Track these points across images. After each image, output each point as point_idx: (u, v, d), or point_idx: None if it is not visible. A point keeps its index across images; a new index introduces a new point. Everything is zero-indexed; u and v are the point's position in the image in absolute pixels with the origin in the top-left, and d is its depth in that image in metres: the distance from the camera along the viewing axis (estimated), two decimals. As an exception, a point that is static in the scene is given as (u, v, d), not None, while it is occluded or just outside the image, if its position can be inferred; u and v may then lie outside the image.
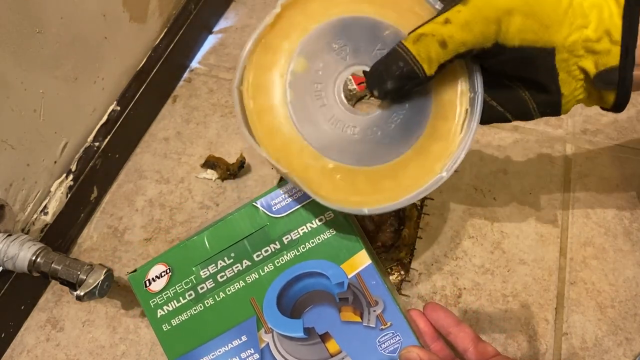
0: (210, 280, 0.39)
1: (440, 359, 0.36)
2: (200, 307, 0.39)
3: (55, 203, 0.64)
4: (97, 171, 0.69)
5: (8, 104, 0.54)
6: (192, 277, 0.39)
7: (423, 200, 0.68)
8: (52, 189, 0.64)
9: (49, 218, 0.63)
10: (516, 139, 0.73)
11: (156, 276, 0.39)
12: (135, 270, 0.40)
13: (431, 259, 0.63)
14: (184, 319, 0.39)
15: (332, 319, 0.38)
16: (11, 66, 0.54)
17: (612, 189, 0.68)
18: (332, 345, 0.37)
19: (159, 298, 0.39)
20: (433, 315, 0.39)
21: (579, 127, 0.74)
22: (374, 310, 0.37)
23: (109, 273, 0.53)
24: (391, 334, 0.37)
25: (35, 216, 0.62)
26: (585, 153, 0.72)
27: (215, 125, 0.77)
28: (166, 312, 0.39)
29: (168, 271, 0.39)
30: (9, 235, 0.54)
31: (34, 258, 0.53)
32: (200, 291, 0.39)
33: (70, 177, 0.65)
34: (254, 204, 0.39)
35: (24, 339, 0.61)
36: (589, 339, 0.57)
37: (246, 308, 0.38)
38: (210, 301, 0.38)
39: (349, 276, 0.38)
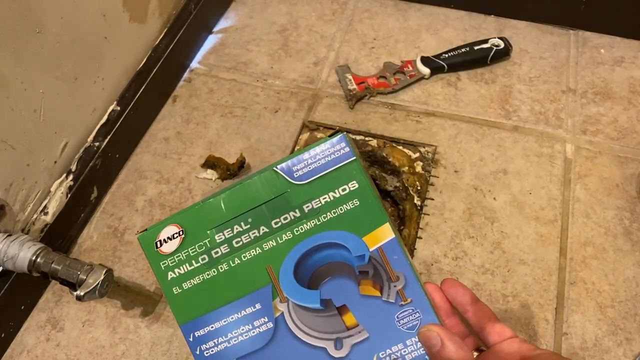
0: (226, 245, 0.38)
1: (461, 339, 0.35)
2: (214, 272, 0.37)
3: (55, 203, 0.64)
4: (97, 171, 0.69)
5: (8, 104, 0.54)
6: (206, 240, 0.38)
7: (423, 200, 0.68)
8: (52, 189, 0.64)
9: (49, 218, 0.63)
10: (516, 139, 0.73)
11: (168, 237, 0.38)
12: (145, 230, 0.38)
13: (431, 259, 0.63)
14: (195, 283, 0.38)
15: (351, 292, 0.37)
16: (11, 66, 0.54)
17: (612, 189, 0.68)
18: (349, 319, 0.36)
19: (170, 260, 0.38)
20: (451, 291, 0.38)
21: (579, 127, 0.74)
22: (395, 286, 0.36)
23: (109, 273, 0.53)
24: (411, 311, 0.36)
25: (35, 216, 0.62)
26: (585, 153, 0.72)
27: (215, 125, 0.77)
28: (177, 275, 0.38)
29: (181, 233, 0.38)
30: (9, 235, 0.54)
31: (34, 258, 0.53)
32: (215, 256, 0.38)
33: (70, 177, 0.65)
34: (274, 168, 0.37)
35: (24, 339, 0.61)
36: (589, 339, 0.57)
37: (262, 276, 0.37)
38: (225, 266, 0.37)
39: (371, 249, 0.36)
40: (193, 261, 0.38)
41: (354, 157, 0.37)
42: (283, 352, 0.37)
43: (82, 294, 0.51)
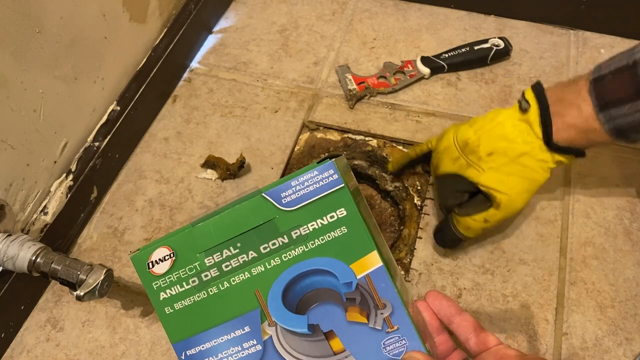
0: (215, 268, 0.38)
1: (448, 353, 0.36)
2: (204, 294, 0.38)
3: (55, 203, 0.64)
4: (97, 171, 0.69)
5: (8, 104, 0.54)
6: (196, 263, 0.38)
7: (423, 200, 0.68)
8: (52, 189, 0.64)
9: (48, 218, 0.63)
10: (516, 139, 0.73)
11: (159, 259, 0.39)
12: (138, 250, 0.39)
13: (431, 259, 0.63)
14: (187, 304, 0.39)
15: (338, 318, 0.37)
16: (11, 66, 0.54)
17: (612, 189, 0.68)
18: (336, 344, 0.37)
19: (162, 281, 0.39)
20: (435, 303, 0.39)
21: (579, 127, 0.74)
22: (382, 313, 0.37)
23: (109, 273, 0.53)
24: (397, 338, 0.37)
25: (35, 216, 0.62)
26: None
27: (215, 125, 0.77)
28: (169, 295, 0.39)
29: (172, 255, 0.39)
30: (9, 235, 0.54)
31: (33, 258, 0.53)
32: (205, 279, 0.38)
33: (70, 177, 0.65)
34: (263, 194, 0.38)
35: (23, 339, 0.61)
36: (589, 339, 0.57)
37: (250, 299, 0.38)
38: (214, 289, 0.38)
39: (358, 277, 0.37)
40: (184, 283, 0.39)
41: (343, 184, 0.37)
42: None
43: (82, 294, 0.51)
